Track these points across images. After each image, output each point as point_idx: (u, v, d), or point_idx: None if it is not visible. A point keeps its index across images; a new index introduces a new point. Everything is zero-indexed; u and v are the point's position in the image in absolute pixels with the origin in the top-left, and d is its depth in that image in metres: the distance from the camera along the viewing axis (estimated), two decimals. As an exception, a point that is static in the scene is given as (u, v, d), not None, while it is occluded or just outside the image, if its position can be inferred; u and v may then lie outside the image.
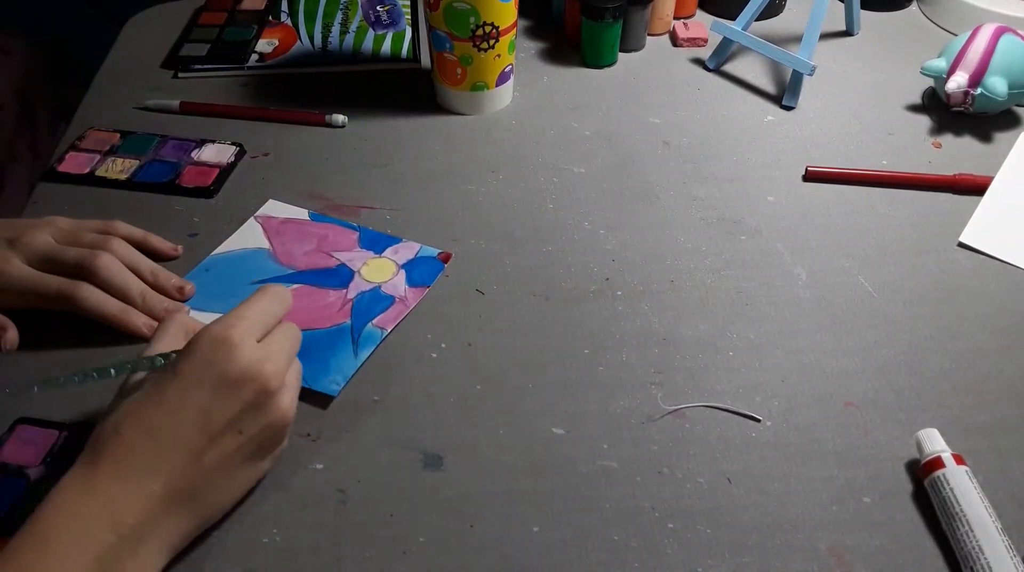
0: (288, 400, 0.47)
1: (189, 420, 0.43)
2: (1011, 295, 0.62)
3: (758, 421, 0.54)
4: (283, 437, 0.48)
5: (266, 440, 0.46)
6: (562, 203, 0.70)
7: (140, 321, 0.57)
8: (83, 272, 0.56)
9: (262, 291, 0.49)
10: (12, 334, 0.56)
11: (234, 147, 0.74)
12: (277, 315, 0.49)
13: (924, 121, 0.79)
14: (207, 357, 0.44)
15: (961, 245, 0.66)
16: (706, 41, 0.89)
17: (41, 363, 0.56)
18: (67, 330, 0.57)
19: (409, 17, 0.91)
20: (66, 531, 0.40)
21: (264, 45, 0.87)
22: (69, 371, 0.46)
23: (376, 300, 0.60)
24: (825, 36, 0.91)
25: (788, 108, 0.81)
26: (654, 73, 0.86)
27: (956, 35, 0.81)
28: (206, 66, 0.84)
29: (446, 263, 0.64)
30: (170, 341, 0.49)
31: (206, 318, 0.59)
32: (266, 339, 0.47)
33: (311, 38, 0.88)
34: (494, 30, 0.73)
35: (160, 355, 0.47)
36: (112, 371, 0.47)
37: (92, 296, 0.55)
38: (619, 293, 0.62)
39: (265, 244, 0.65)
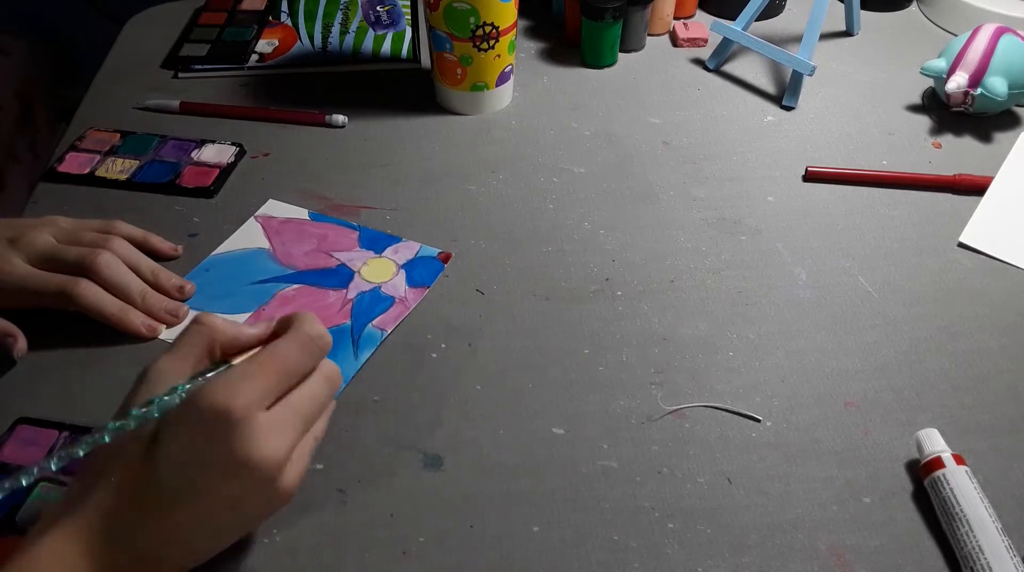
0: (291, 479, 0.42)
1: (180, 496, 0.40)
2: (1011, 295, 0.62)
3: (758, 421, 0.54)
4: (280, 508, 0.44)
5: (262, 515, 0.44)
6: (562, 203, 0.70)
7: (138, 321, 0.57)
8: (84, 271, 0.56)
9: (293, 335, 0.42)
10: (21, 343, 0.55)
11: (234, 147, 0.74)
12: (304, 366, 0.42)
13: (924, 121, 0.79)
14: (207, 429, 0.39)
15: (961, 245, 0.66)
16: (706, 41, 0.89)
17: (41, 363, 0.56)
18: (67, 330, 0.57)
19: (409, 17, 0.91)
20: None
21: (264, 45, 0.87)
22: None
23: (376, 301, 0.60)
24: (825, 36, 0.91)
25: (788, 108, 0.81)
26: (654, 73, 0.86)
27: (956, 35, 0.81)
28: (206, 66, 0.84)
29: (446, 263, 0.64)
30: (188, 351, 0.43)
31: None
32: (282, 403, 0.41)
33: (311, 38, 0.88)
34: (494, 30, 0.73)
35: (167, 395, 0.41)
36: (132, 423, 0.40)
37: (91, 294, 0.55)
38: (619, 293, 0.62)
39: (265, 244, 0.65)
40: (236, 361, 0.43)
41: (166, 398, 0.40)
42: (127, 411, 0.40)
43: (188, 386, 0.41)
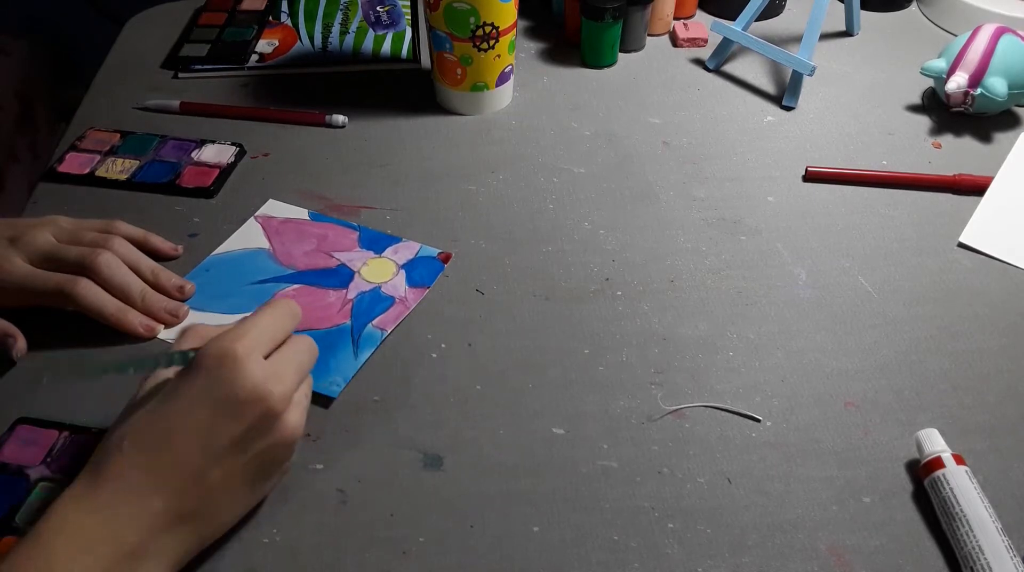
0: (295, 419, 0.45)
1: (192, 440, 0.42)
2: (1011, 295, 0.62)
3: (758, 421, 0.54)
4: (289, 455, 0.47)
5: (271, 460, 0.45)
6: (562, 203, 0.70)
7: (137, 321, 0.57)
8: (84, 270, 0.56)
9: (271, 304, 0.47)
10: (21, 343, 0.56)
11: (234, 147, 0.74)
12: (287, 329, 0.47)
13: (924, 121, 0.79)
14: (211, 374, 0.42)
15: (961, 245, 0.66)
16: (706, 41, 0.89)
17: (41, 363, 0.56)
18: (67, 330, 0.57)
19: (409, 17, 0.91)
20: (67, 548, 0.39)
21: (264, 45, 0.87)
22: (93, 364, 0.44)
23: (376, 301, 0.61)
24: (825, 36, 0.91)
25: (788, 108, 0.81)
26: (654, 73, 0.86)
27: (956, 35, 0.81)
28: (206, 66, 0.84)
29: (446, 263, 0.64)
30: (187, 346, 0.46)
31: (206, 318, 0.59)
32: (275, 355, 0.45)
33: (311, 38, 0.88)
34: (494, 30, 0.73)
35: (179, 352, 0.45)
36: (131, 369, 0.45)
37: (91, 292, 0.55)
38: (619, 293, 0.62)
39: (265, 244, 0.65)
40: None
41: (176, 355, 0.44)
42: (148, 357, 0.45)
43: (192, 353, 0.44)
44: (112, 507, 0.41)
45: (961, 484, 0.47)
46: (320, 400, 0.54)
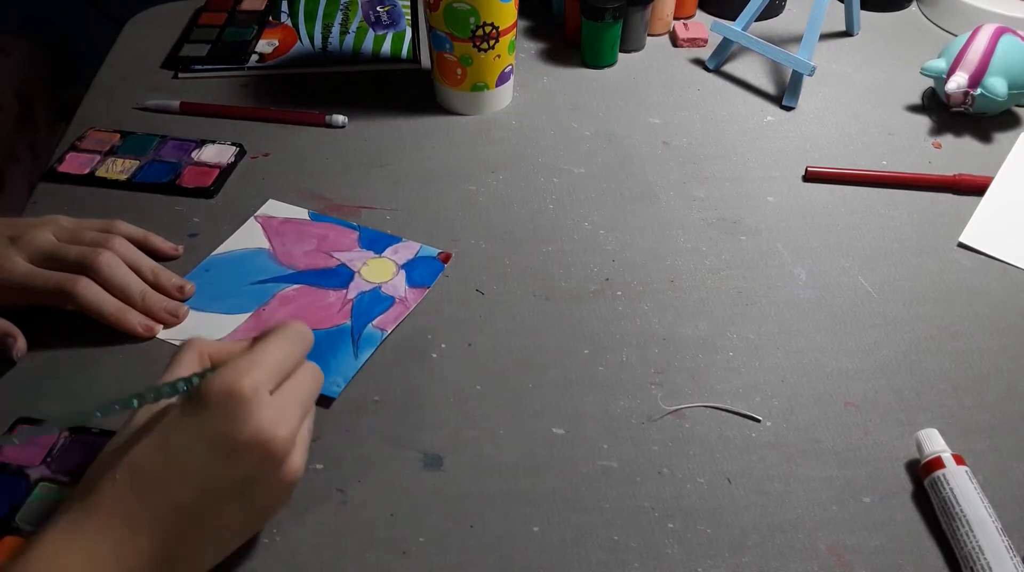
0: (298, 462, 0.43)
1: (190, 482, 0.40)
2: (1011, 295, 0.62)
3: (758, 421, 0.54)
4: (287, 497, 0.44)
5: (268, 502, 0.43)
6: (562, 203, 0.70)
7: (136, 320, 0.57)
8: (84, 270, 0.56)
9: (282, 329, 0.44)
10: (21, 343, 0.56)
11: (234, 147, 0.74)
12: (296, 357, 0.44)
13: (924, 121, 0.79)
14: (215, 413, 0.40)
15: (961, 245, 0.66)
16: (706, 41, 0.89)
17: (41, 363, 0.56)
18: (67, 330, 0.57)
19: (409, 17, 0.91)
20: None
21: (264, 45, 0.87)
22: (90, 404, 0.41)
23: (376, 301, 0.60)
24: (825, 36, 0.91)
25: (788, 108, 0.81)
26: (654, 73, 0.86)
27: (956, 35, 0.81)
28: (206, 66, 0.84)
29: (446, 263, 0.64)
30: (185, 370, 0.44)
31: (206, 318, 0.59)
32: (281, 389, 0.43)
33: (311, 38, 0.88)
34: (494, 30, 0.73)
35: (183, 380, 0.42)
36: (135, 401, 0.41)
37: (91, 292, 0.55)
38: (619, 293, 0.62)
39: (265, 244, 0.65)
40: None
41: (178, 384, 0.42)
42: (149, 388, 0.42)
43: (196, 379, 0.42)
44: (100, 542, 0.39)
45: (961, 484, 0.47)
46: (320, 400, 0.54)
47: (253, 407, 0.40)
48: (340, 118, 0.77)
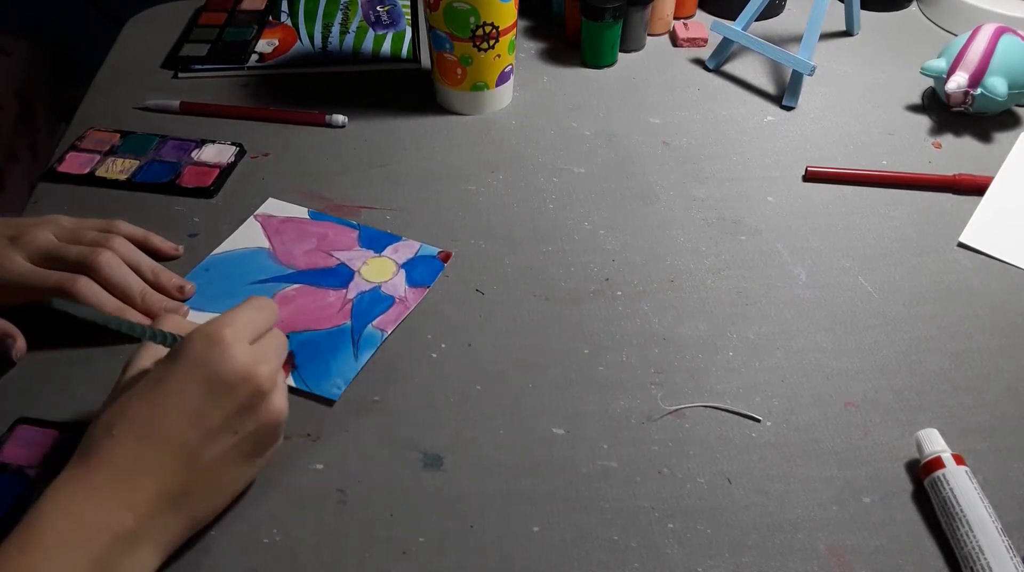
0: (281, 400, 0.47)
1: (183, 419, 0.43)
2: (1011, 295, 0.62)
3: (758, 421, 0.54)
4: (277, 436, 0.48)
5: (260, 439, 0.46)
6: (562, 203, 0.70)
7: (135, 320, 0.57)
8: (85, 269, 0.56)
9: (250, 300, 0.49)
10: (21, 343, 0.56)
11: (234, 147, 0.74)
12: (267, 322, 0.48)
13: (924, 121, 0.79)
14: (201, 356, 0.44)
15: (961, 245, 0.66)
16: (706, 41, 0.89)
17: (41, 363, 0.56)
18: (67, 330, 0.57)
19: (409, 17, 0.91)
20: (61, 533, 0.40)
21: (264, 45, 0.87)
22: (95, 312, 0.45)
23: (376, 301, 0.60)
24: (825, 36, 0.91)
25: (788, 108, 0.81)
26: (654, 73, 0.86)
27: (956, 35, 0.81)
28: (206, 66, 0.84)
29: (446, 262, 0.64)
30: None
31: (206, 318, 0.59)
32: (257, 342, 0.47)
33: (311, 38, 0.88)
34: (494, 30, 0.73)
35: (170, 333, 0.46)
36: (123, 327, 0.46)
37: (90, 291, 0.55)
38: (619, 293, 0.62)
39: (265, 243, 0.65)
40: None
41: (168, 336, 0.46)
42: (148, 327, 0.46)
43: (182, 336, 0.46)
44: (105, 491, 0.41)
45: (961, 484, 0.47)
46: (320, 400, 0.54)
47: (235, 349, 0.44)
48: (340, 118, 0.77)
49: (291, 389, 0.53)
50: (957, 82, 0.74)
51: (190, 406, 0.43)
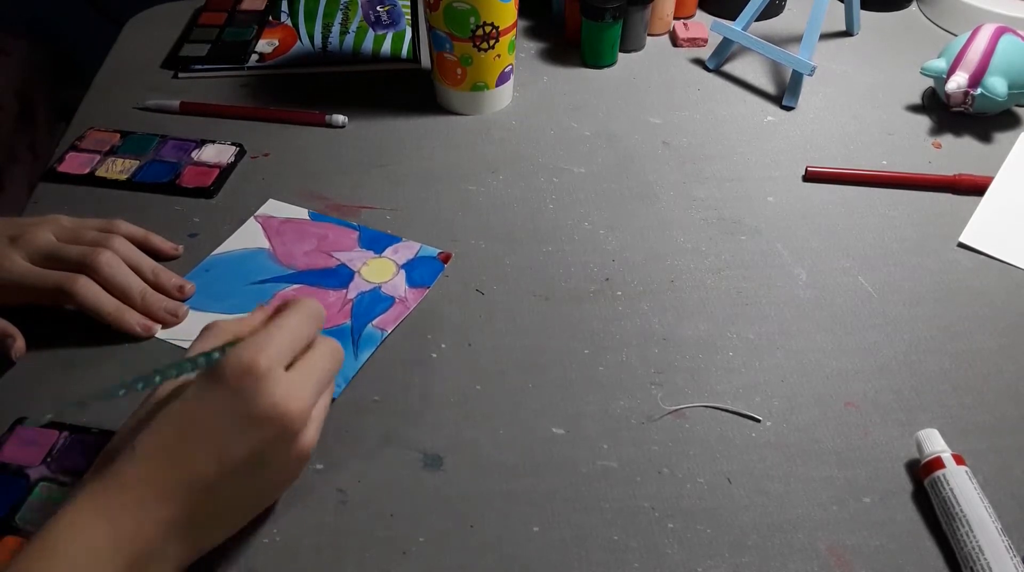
0: (311, 437, 0.45)
1: (207, 452, 0.41)
2: (1011, 295, 0.62)
3: (758, 421, 0.54)
4: (300, 471, 0.46)
5: (282, 475, 0.45)
6: (562, 203, 0.70)
7: (134, 320, 0.57)
8: (85, 269, 0.56)
9: (296, 305, 0.46)
10: (20, 343, 0.56)
11: (234, 147, 0.74)
12: (310, 334, 0.46)
13: (924, 121, 0.79)
14: (232, 387, 0.42)
15: (961, 245, 0.66)
16: (706, 41, 0.89)
17: (41, 363, 0.56)
18: (66, 330, 0.57)
19: (409, 17, 0.91)
20: (74, 553, 0.39)
21: (264, 45, 0.87)
22: (117, 385, 0.42)
23: (376, 301, 0.61)
24: (825, 36, 0.91)
25: (788, 108, 0.81)
26: (654, 73, 0.86)
27: (956, 35, 0.81)
28: (206, 66, 0.84)
29: (446, 263, 0.64)
30: (207, 349, 0.45)
31: (206, 318, 0.59)
32: (297, 365, 0.44)
33: (311, 38, 0.88)
34: (494, 30, 0.73)
35: (202, 355, 0.43)
36: (157, 378, 0.43)
37: (90, 291, 0.55)
38: (619, 293, 0.62)
39: (265, 244, 0.65)
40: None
41: (198, 360, 0.43)
42: (170, 364, 0.43)
43: (216, 354, 0.43)
44: (122, 515, 0.40)
45: (961, 484, 0.47)
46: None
47: (268, 383, 0.42)
48: (340, 118, 0.77)
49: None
50: (957, 82, 0.74)
51: (215, 438, 0.41)
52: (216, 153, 0.73)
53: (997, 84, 0.73)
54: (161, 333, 0.58)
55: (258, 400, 0.41)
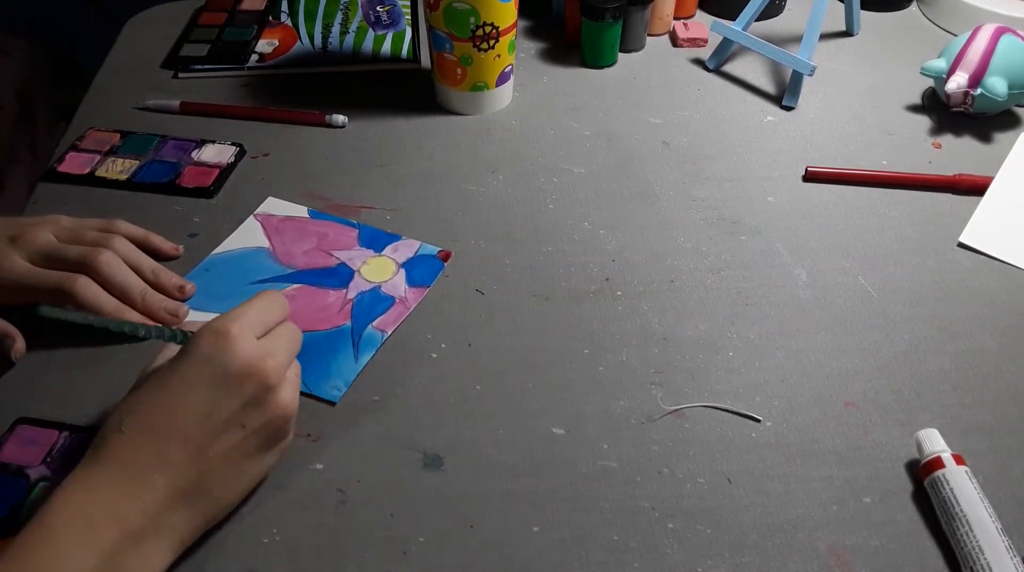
0: (289, 394, 0.47)
1: (191, 415, 0.43)
2: (1011, 295, 0.62)
3: (758, 421, 0.54)
4: (287, 432, 0.48)
5: (269, 434, 0.46)
6: (562, 203, 0.70)
7: (134, 320, 0.57)
8: (85, 269, 0.56)
9: (260, 295, 0.49)
10: (20, 344, 0.56)
11: (234, 147, 0.74)
12: (277, 317, 0.48)
13: (924, 121, 0.79)
14: (207, 352, 0.44)
15: (961, 245, 0.66)
16: (706, 41, 0.89)
17: (41, 363, 0.56)
18: (66, 330, 0.57)
19: (409, 17, 0.91)
20: (71, 530, 0.40)
21: (264, 45, 0.87)
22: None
23: (376, 301, 0.60)
24: (825, 36, 0.91)
25: (788, 108, 0.81)
26: (654, 73, 0.86)
27: (956, 35, 0.81)
28: (206, 66, 0.84)
29: (446, 262, 0.64)
30: None
31: (206, 318, 0.59)
32: (266, 337, 0.47)
33: (311, 38, 0.88)
34: (494, 30, 0.73)
35: (181, 331, 0.47)
36: (141, 331, 0.47)
37: (90, 291, 0.55)
38: (619, 293, 0.62)
39: (265, 243, 0.65)
40: None
41: (177, 334, 0.47)
42: (155, 326, 0.48)
43: (192, 333, 0.46)
44: (114, 487, 0.41)
45: (961, 484, 0.47)
46: (320, 401, 0.54)
47: (242, 343, 0.44)
48: (340, 118, 0.77)
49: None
50: (957, 82, 0.74)
51: (197, 402, 0.43)
52: (216, 153, 0.73)
53: (997, 84, 0.73)
54: (161, 333, 0.58)
55: (233, 360, 0.44)
